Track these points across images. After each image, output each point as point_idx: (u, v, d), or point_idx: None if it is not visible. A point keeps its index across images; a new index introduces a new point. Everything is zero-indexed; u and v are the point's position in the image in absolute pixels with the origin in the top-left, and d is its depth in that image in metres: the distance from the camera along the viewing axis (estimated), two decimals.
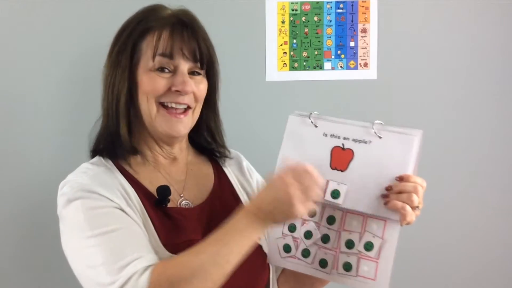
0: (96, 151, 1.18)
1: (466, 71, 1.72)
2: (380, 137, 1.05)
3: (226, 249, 0.97)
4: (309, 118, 1.10)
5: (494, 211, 1.74)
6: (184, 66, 1.12)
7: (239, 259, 0.98)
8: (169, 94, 1.11)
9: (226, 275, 0.97)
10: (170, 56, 1.11)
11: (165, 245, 1.06)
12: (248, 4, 1.65)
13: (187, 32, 1.12)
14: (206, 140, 1.25)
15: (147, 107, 1.11)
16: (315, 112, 1.10)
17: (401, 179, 1.02)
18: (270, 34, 1.67)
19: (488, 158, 1.74)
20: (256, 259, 1.14)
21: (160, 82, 1.11)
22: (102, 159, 1.15)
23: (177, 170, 1.20)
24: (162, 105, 1.12)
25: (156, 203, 1.11)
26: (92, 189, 1.05)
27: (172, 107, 1.12)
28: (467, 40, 1.71)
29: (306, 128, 1.10)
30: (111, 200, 1.05)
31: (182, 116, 1.13)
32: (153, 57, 1.10)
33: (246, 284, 1.12)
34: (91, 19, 1.61)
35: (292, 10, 1.67)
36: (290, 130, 1.11)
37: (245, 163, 1.31)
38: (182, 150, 1.22)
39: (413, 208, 1.01)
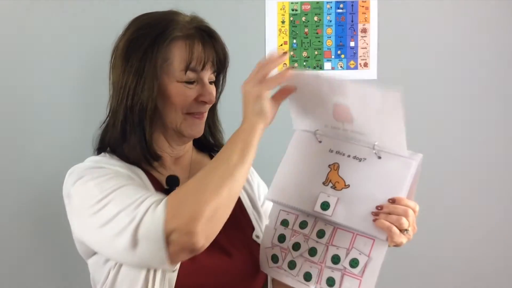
0: (101, 150, 1.19)
1: (466, 71, 1.72)
2: (379, 158, 1.05)
3: (229, 151, 1.00)
4: (315, 135, 1.12)
5: (494, 212, 1.75)
6: (207, 76, 1.15)
7: (247, 160, 1.01)
8: (195, 104, 1.14)
9: (239, 182, 0.99)
10: (202, 69, 1.13)
11: None
12: (248, 4, 1.65)
13: (215, 44, 1.15)
14: (206, 137, 1.26)
15: (174, 117, 1.14)
16: (320, 130, 1.12)
17: (393, 201, 1.01)
18: (270, 34, 1.67)
19: (488, 158, 1.74)
20: (255, 258, 1.15)
21: (189, 94, 1.13)
22: (107, 154, 1.17)
23: (180, 169, 1.22)
24: (187, 113, 1.15)
25: (165, 192, 1.12)
26: (101, 166, 1.08)
27: (194, 113, 1.15)
28: (467, 40, 1.71)
29: (310, 143, 1.12)
30: (119, 171, 1.08)
31: (201, 118, 1.17)
32: (185, 70, 1.11)
33: (244, 282, 1.13)
34: (99, 18, 1.62)
35: (292, 10, 1.67)
36: (294, 143, 1.14)
37: None
38: (187, 148, 1.24)
39: (402, 231, 1.00)
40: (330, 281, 1.05)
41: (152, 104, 1.11)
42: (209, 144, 1.28)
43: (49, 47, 1.61)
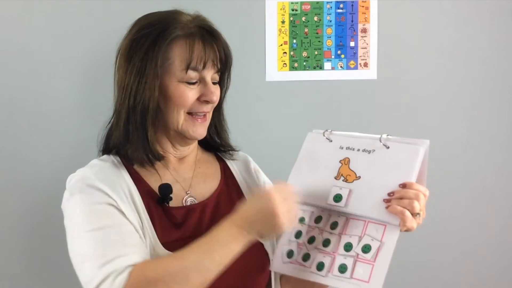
0: (105, 151, 1.20)
1: (466, 70, 1.72)
2: (387, 147, 1.09)
3: (208, 257, 0.98)
4: (323, 135, 1.17)
5: (496, 212, 1.75)
6: (209, 76, 1.15)
7: (221, 267, 1.00)
8: (197, 104, 1.14)
9: (206, 282, 0.99)
10: (203, 68, 1.13)
11: (163, 243, 1.08)
12: (248, 4, 1.65)
13: (216, 43, 1.15)
14: (212, 137, 1.26)
15: (176, 117, 1.14)
16: (329, 130, 1.17)
17: (404, 186, 1.04)
18: (270, 34, 1.67)
19: (488, 158, 1.74)
20: (257, 257, 1.15)
21: (190, 94, 1.13)
22: (111, 156, 1.17)
23: (185, 168, 1.22)
24: (188, 113, 1.15)
25: (159, 201, 1.12)
26: (93, 184, 1.07)
27: (197, 114, 1.15)
28: (467, 40, 1.71)
29: (321, 143, 1.17)
30: (109, 196, 1.07)
31: (203, 120, 1.17)
32: (186, 69, 1.11)
33: (245, 282, 1.13)
34: (101, 19, 1.61)
35: (292, 10, 1.67)
36: (306, 145, 1.19)
37: (253, 164, 1.33)
38: (192, 148, 1.24)
39: (414, 214, 1.02)
40: (342, 268, 1.06)
41: (153, 104, 1.11)
42: (215, 143, 1.28)
43: (52, 47, 1.60)
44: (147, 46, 1.11)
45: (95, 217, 1.04)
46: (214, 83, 1.17)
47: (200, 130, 1.16)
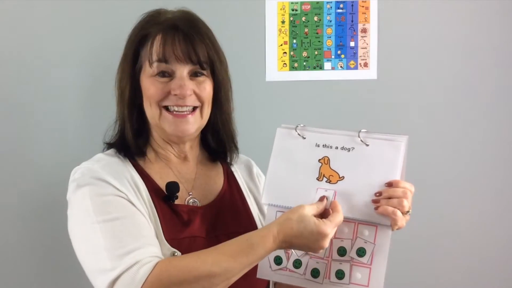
0: (110, 145, 1.22)
1: (466, 71, 1.71)
2: (367, 145, 1.07)
3: (238, 266, 0.99)
4: (296, 130, 1.12)
5: (491, 212, 1.75)
6: (182, 69, 1.14)
7: (246, 271, 1.01)
8: (170, 98, 1.14)
9: (230, 284, 1.00)
10: (164, 61, 1.13)
11: (168, 239, 1.09)
12: (248, 4, 1.65)
13: (178, 35, 1.13)
14: (212, 140, 1.26)
15: (151, 111, 1.16)
16: (301, 125, 1.13)
17: (390, 184, 1.04)
18: (270, 34, 1.67)
19: (488, 158, 1.73)
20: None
21: (158, 87, 1.14)
22: (116, 151, 1.19)
23: (188, 169, 1.23)
24: (166, 108, 1.15)
25: (165, 198, 1.13)
26: (101, 177, 1.08)
27: (175, 111, 1.14)
28: (467, 40, 1.71)
29: (294, 140, 1.12)
30: (118, 189, 1.08)
31: (189, 116, 1.15)
32: (150, 63, 1.14)
33: (245, 283, 1.13)
34: (101, 18, 1.61)
35: (292, 10, 1.67)
36: (278, 142, 1.14)
37: (255, 169, 1.34)
38: (193, 148, 1.24)
39: (404, 213, 1.02)
40: (340, 274, 1.05)
41: (130, 101, 1.16)
42: (218, 148, 1.27)
43: (54, 47, 1.60)
44: (127, 46, 1.18)
45: (108, 207, 1.04)
46: (196, 78, 1.15)
47: (181, 127, 1.15)
